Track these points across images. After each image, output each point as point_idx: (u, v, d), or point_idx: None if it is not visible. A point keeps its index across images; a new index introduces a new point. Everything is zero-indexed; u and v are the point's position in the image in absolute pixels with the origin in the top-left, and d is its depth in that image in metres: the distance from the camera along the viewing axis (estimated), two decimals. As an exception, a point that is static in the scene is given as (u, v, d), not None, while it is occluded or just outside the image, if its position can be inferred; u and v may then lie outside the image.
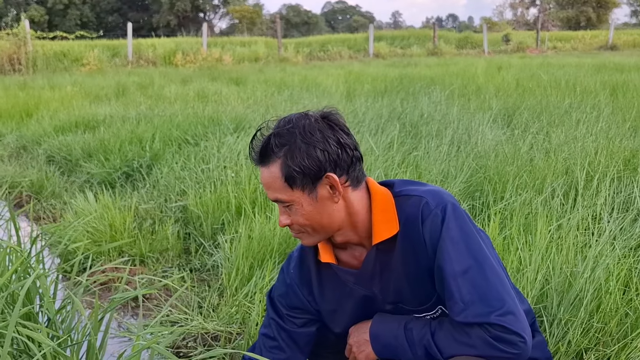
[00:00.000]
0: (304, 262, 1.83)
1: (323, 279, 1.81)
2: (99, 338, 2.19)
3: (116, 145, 6.32)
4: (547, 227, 2.88)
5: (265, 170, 1.61)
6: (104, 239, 4.06)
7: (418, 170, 4.33)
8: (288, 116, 1.62)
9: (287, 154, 1.56)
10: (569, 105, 7.06)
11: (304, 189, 1.59)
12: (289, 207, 1.62)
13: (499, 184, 3.78)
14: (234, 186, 4.35)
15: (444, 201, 1.60)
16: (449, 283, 1.54)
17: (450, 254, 1.54)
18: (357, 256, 1.75)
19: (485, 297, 1.50)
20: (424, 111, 6.88)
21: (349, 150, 1.60)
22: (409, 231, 1.62)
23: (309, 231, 1.66)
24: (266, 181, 1.62)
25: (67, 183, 6.01)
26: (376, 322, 1.73)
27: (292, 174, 1.57)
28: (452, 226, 1.57)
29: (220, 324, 2.87)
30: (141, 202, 4.77)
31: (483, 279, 1.52)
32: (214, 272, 3.61)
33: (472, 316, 1.50)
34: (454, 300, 1.53)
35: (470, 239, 1.57)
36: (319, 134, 1.57)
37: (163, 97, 10.31)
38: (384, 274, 1.69)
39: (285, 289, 1.87)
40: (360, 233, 1.69)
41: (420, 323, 1.65)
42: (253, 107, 8.39)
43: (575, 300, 2.40)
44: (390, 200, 1.66)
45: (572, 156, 4.11)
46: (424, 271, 1.62)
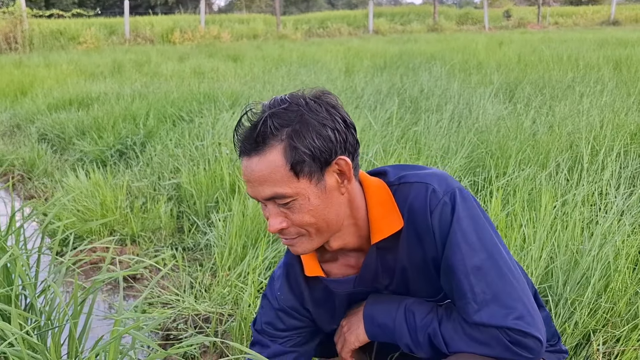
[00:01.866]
0: (291, 277, 1.61)
1: (314, 292, 1.60)
2: (80, 321, 2.08)
3: (110, 123, 6.19)
4: (552, 203, 2.76)
5: (258, 160, 1.31)
6: (95, 218, 3.95)
7: (417, 146, 4.20)
8: (277, 97, 1.36)
9: (293, 134, 1.29)
10: (572, 80, 6.92)
11: (311, 178, 1.32)
12: (288, 204, 1.34)
13: (501, 159, 3.66)
14: (229, 163, 4.23)
15: (451, 187, 1.41)
16: (460, 281, 1.37)
17: (461, 249, 1.37)
18: (352, 264, 1.55)
19: (501, 297, 1.35)
20: (424, 86, 6.75)
21: (354, 131, 1.38)
22: (415, 223, 1.42)
23: (310, 232, 1.39)
24: (260, 174, 1.32)
25: (60, 161, 5.88)
26: (371, 302, 1.56)
27: (301, 158, 1.30)
28: (463, 216, 1.38)
29: (212, 305, 2.76)
30: (134, 180, 4.65)
31: (497, 276, 1.36)
32: (207, 252, 3.50)
33: (487, 317, 1.34)
34: (466, 299, 1.37)
35: (482, 230, 1.39)
36: (325, 111, 1.33)
37: (159, 75, 10.16)
38: (387, 273, 1.51)
39: (274, 314, 1.64)
40: (362, 232, 1.47)
41: (424, 307, 1.48)
42: (250, 83, 8.24)
43: (582, 279, 2.29)
44: (386, 191, 1.46)
45: (576, 130, 3.98)
46: (431, 267, 1.45)
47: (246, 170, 1.34)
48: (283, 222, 1.37)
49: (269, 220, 1.38)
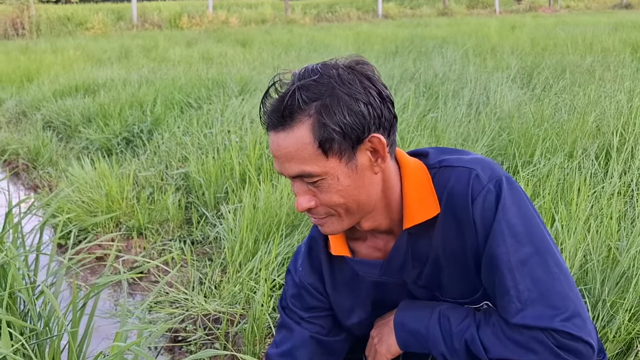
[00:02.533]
0: (313, 253, 1.51)
1: (337, 274, 1.49)
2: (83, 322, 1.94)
3: (116, 110, 6.03)
4: (585, 195, 2.59)
5: (285, 135, 1.21)
6: (100, 209, 3.80)
7: (435, 133, 4.02)
8: (308, 66, 1.24)
9: (322, 109, 1.18)
10: (591, 64, 6.70)
11: (341, 156, 1.21)
12: (316, 183, 1.24)
13: (525, 148, 3.47)
14: (238, 152, 4.06)
15: (497, 174, 1.27)
16: (503, 276, 1.22)
17: (506, 241, 1.22)
18: (380, 246, 1.43)
19: (548, 296, 1.20)
20: (438, 71, 6.54)
21: (391, 106, 1.26)
22: (454, 211, 1.29)
23: (340, 213, 1.28)
24: (287, 150, 1.22)
25: (65, 149, 5.74)
26: (402, 309, 1.42)
27: (330, 136, 1.19)
28: (509, 205, 1.24)
29: (222, 304, 2.61)
30: (140, 170, 4.50)
31: (545, 272, 1.21)
32: (217, 245, 3.35)
33: (531, 318, 1.20)
34: (508, 297, 1.22)
35: (530, 221, 1.25)
36: (358, 84, 1.20)
37: (167, 60, 9.99)
38: (417, 262, 1.37)
39: (297, 290, 1.54)
40: (394, 215, 1.35)
41: (460, 312, 1.34)
42: (259, 68, 8.06)
43: (622, 279, 2.12)
44: (425, 173, 1.33)
45: (603, 116, 3.78)
46: (469, 258, 1.30)
47: (273, 145, 1.25)
48: (311, 201, 1.27)
49: (297, 199, 1.28)
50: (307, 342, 1.51)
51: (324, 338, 1.53)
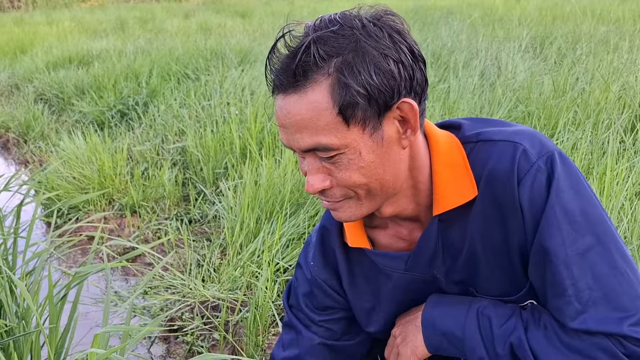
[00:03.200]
0: (326, 244, 1.28)
1: (355, 267, 1.26)
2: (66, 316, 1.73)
3: (110, 82, 5.79)
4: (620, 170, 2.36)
5: (297, 99, 0.97)
6: (92, 186, 3.58)
7: (447, 105, 3.79)
8: (324, 16, 0.99)
9: (344, 67, 0.94)
10: (605, 34, 6.43)
11: (365, 126, 0.98)
12: (334, 158, 1.00)
13: (545, 120, 3.24)
14: (238, 125, 3.83)
15: (548, 148, 1.03)
16: (559, 272, 1.00)
17: (562, 229, 0.99)
18: (404, 235, 1.19)
19: (614, 295, 0.98)
20: (445, 41, 6.28)
21: (423, 66, 1.01)
22: (495, 194, 1.05)
23: (360, 195, 1.05)
24: (299, 118, 0.98)
25: (58, 123, 5.50)
26: (432, 305, 1.19)
27: (353, 100, 0.95)
28: (564, 186, 1.01)
29: (221, 290, 2.40)
30: (135, 144, 4.27)
31: (609, 266, 0.99)
32: (216, 225, 3.13)
33: (594, 322, 0.98)
34: (566, 298, 1.00)
35: (588, 204, 1.02)
36: (387, 37, 0.96)
37: (164, 31, 9.71)
38: (449, 254, 1.14)
39: (309, 287, 1.31)
40: (421, 199, 1.12)
41: (502, 310, 1.12)
42: (259, 39, 7.79)
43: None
44: (459, 149, 1.09)
45: (628, 85, 3.54)
46: (513, 251, 1.07)
47: (281, 111, 1.00)
48: (325, 181, 1.03)
49: (308, 178, 1.04)
50: (316, 349, 1.31)
51: (336, 343, 1.31)
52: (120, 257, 2.67)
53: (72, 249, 3.09)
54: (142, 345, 2.31)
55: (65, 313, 1.82)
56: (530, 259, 1.05)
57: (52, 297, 1.46)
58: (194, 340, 2.22)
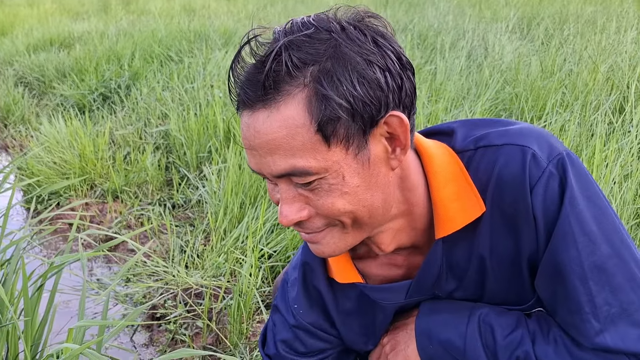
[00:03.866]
0: (309, 284, 1.14)
1: (343, 303, 1.12)
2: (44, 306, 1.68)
3: (92, 64, 5.68)
4: (609, 152, 2.33)
5: (268, 115, 0.83)
6: (73, 171, 3.51)
7: (433, 87, 3.74)
8: (295, 19, 0.86)
9: (322, 76, 0.81)
10: (592, 14, 6.39)
11: (348, 145, 0.84)
12: (311, 184, 0.87)
13: (533, 102, 3.21)
14: (222, 107, 3.76)
15: (557, 150, 0.92)
16: (574, 288, 0.92)
17: (577, 242, 0.91)
18: (399, 262, 1.07)
19: (634, 309, 0.91)
20: (432, 22, 6.22)
21: (412, 75, 0.89)
22: (504, 204, 0.94)
23: (346, 224, 0.91)
24: (270, 137, 0.84)
25: (39, 107, 5.40)
26: (426, 311, 1.09)
27: (334, 114, 0.82)
28: (578, 194, 0.91)
29: (205, 277, 2.35)
30: (118, 127, 4.19)
31: (627, 280, 0.91)
32: (199, 210, 3.08)
33: (613, 340, 0.91)
34: (582, 315, 0.92)
35: (603, 213, 0.93)
36: (370, 42, 0.84)
37: (147, 12, 9.56)
38: (453, 275, 1.04)
39: (292, 334, 1.16)
40: (418, 224, 1.00)
41: (507, 319, 1.03)
42: (244, 21, 7.68)
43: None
44: (455, 160, 0.97)
45: (617, 66, 3.51)
46: (523, 262, 0.97)
47: (248, 130, 0.86)
48: (303, 211, 0.89)
49: (281, 208, 0.89)
50: None
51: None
52: (101, 244, 2.62)
53: (54, 236, 3.04)
54: (125, 334, 2.27)
55: (45, 302, 1.77)
56: (540, 270, 0.96)
57: (27, 289, 1.41)
58: (177, 329, 2.18)
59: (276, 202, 0.92)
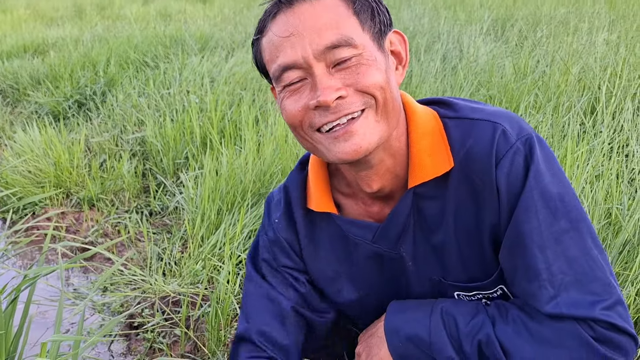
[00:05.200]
0: (290, 208, 1.24)
1: (317, 232, 1.22)
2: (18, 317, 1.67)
3: (67, 71, 5.63)
4: (582, 153, 2.37)
5: (310, 5, 0.99)
6: (48, 179, 3.48)
7: (410, 89, 3.77)
8: None
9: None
10: (565, 15, 6.48)
11: (373, 38, 1.01)
12: (349, 61, 0.98)
13: (507, 104, 3.24)
14: (199, 114, 3.76)
15: (527, 131, 1.03)
16: (533, 256, 0.99)
17: (539, 213, 0.99)
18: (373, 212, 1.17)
19: (586, 280, 0.98)
20: (407, 25, 6.25)
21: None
22: (472, 174, 1.04)
23: (378, 104, 1.00)
24: (317, 19, 0.98)
25: (13, 115, 5.35)
26: (393, 312, 1.16)
27: (365, 5, 1.01)
28: (543, 170, 1.00)
29: (182, 284, 2.35)
30: (93, 135, 4.17)
31: (582, 252, 0.99)
32: (177, 217, 3.07)
33: (567, 306, 0.97)
34: (539, 282, 0.99)
35: (565, 189, 1.01)
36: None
37: (122, 18, 9.50)
38: (421, 232, 1.12)
39: (269, 246, 1.27)
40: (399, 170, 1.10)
41: (467, 307, 1.10)
42: (220, 25, 7.66)
43: (625, 248, 1.91)
44: (437, 122, 1.09)
45: (588, 68, 3.56)
46: (485, 234, 1.06)
47: (291, 23, 0.99)
48: (341, 89, 0.98)
49: (321, 86, 0.98)
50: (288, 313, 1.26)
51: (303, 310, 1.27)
52: (77, 254, 2.60)
53: (30, 246, 3.01)
54: (102, 344, 2.25)
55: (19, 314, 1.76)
56: (504, 241, 1.03)
57: (0, 302, 1.40)
58: (155, 337, 2.17)
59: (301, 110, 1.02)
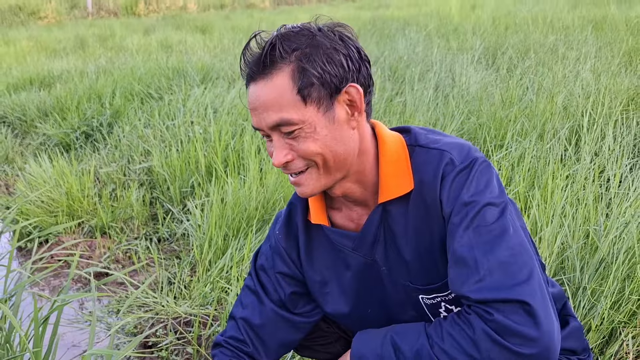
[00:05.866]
0: (292, 220, 1.48)
1: (313, 242, 1.45)
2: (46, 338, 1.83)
3: (73, 103, 5.83)
4: (560, 179, 2.55)
5: (265, 84, 1.21)
6: (61, 210, 3.65)
7: (404, 119, 3.96)
8: (288, 25, 1.26)
9: (302, 57, 1.20)
10: (554, 43, 6.70)
11: (319, 105, 1.21)
12: (294, 133, 1.22)
13: (495, 131, 3.43)
14: (203, 143, 3.95)
15: (472, 156, 1.23)
16: (463, 252, 1.18)
17: (468, 213, 1.19)
18: (354, 218, 1.39)
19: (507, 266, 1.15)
20: (402, 54, 6.48)
21: (368, 65, 1.26)
22: (424, 191, 1.25)
23: (318, 164, 1.25)
24: (267, 98, 1.21)
25: (22, 146, 5.53)
26: (358, 340, 1.35)
27: (309, 81, 1.19)
28: (477, 184, 1.20)
29: (193, 306, 2.51)
30: (102, 165, 4.35)
31: (508, 248, 1.16)
32: (185, 242, 3.24)
33: (483, 289, 1.14)
34: (464, 264, 1.17)
35: (497, 199, 1.21)
36: (338, 38, 1.23)
37: (124, 49, 9.73)
38: (390, 241, 1.33)
39: (270, 255, 1.51)
40: (366, 185, 1.33)
41: (412, 331, 1.27)
42: (220, 55, 7.89)
43: (601, 266, 2.08)
44: (404, 149, 1.30)
45: (572, 96, 3.76)
46: (436, 242, 1.26)
47: (252, 97, 1.24)
48: (288, 155, 1.25)
49: (274, 153, 1.26)
50: (271, 315, 1.49)
51: (287, 314, 1.49)
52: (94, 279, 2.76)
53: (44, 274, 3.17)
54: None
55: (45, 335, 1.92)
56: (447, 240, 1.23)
57: (37, 320, 1.56)
58: (169, 355, 2.33)
59: (270, 155, 1.28)
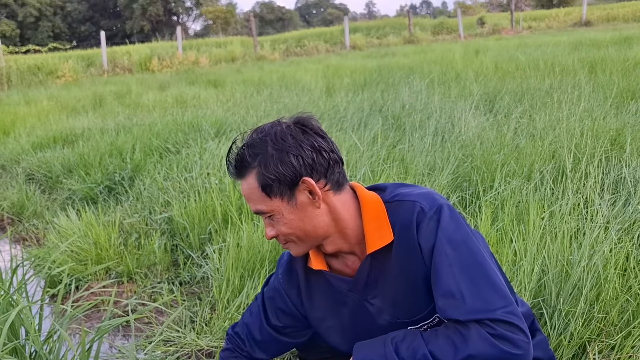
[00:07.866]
0: (293, 268, 1.81)
1: (312, 286, 1.77)
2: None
3: (96, 159, 6.21)
4: (540, 215, 2.83)
5: (243, 182, 1.59)
6: (89, 258, 3.96)
7: (404, 164, 4.27)
8: (261, 126, 1.60)
9: (261, 163, 1.54)
10: (550, 86, 7.04)
11: (282, 197, 1.56)
12: (271, 217, 1.60)
13: (487, 173, 3.73)
14: (219, 193, 4.27)
15: (437, 202, 1.55)
16: (447, 280, 1.48)
17: (447, 253, 1.49)
18: (349, 265, 1.71)
19: (487, 294, 1.45)
20: (405, 102, 6.83)
21: (324, 153, 1.57)
22: (403, 239, 1.56)
23: (294, 240, 1.62)
24: (246, 193, 1.60)
25: (49, 201, 5.89)
26: (358, 348, 1.61)
27: (268, 182, 1.55)
28: (448, 226, 1.51)
29: (214, 339, 2.79)
30: (125, 217, 4.68)
31: (484, 277, 1.47)
32: (204, 284, 3.53)
33: (471, 312, 1.44)
34: (452, 296, 1.47)
35: (468, 239, 1.52)
36: (291, 139, 1.54)
37: (141, 106, 10.19)
38: (379, 284, 1.63)
39: (273, 293, 1.88)
40: (351, 240, 1.64)
41: (409, 335, 1.54)
42: (233, 109, 8.29)
43: (574, 290, 2.35)
44: (381, 206, 1.61)
45: (558, 139, 4.06)
46: (419, 279, 1.56)
47: (240, 189, 1.67)
48: (272, 231, 1.63)
49: (265, 231, 1.65)
50: (266, 334, 1.89)
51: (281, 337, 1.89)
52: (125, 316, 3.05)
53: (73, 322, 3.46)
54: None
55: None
56: (431, 279, 1.53)
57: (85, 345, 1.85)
58: (193, 384, 2.60)
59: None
